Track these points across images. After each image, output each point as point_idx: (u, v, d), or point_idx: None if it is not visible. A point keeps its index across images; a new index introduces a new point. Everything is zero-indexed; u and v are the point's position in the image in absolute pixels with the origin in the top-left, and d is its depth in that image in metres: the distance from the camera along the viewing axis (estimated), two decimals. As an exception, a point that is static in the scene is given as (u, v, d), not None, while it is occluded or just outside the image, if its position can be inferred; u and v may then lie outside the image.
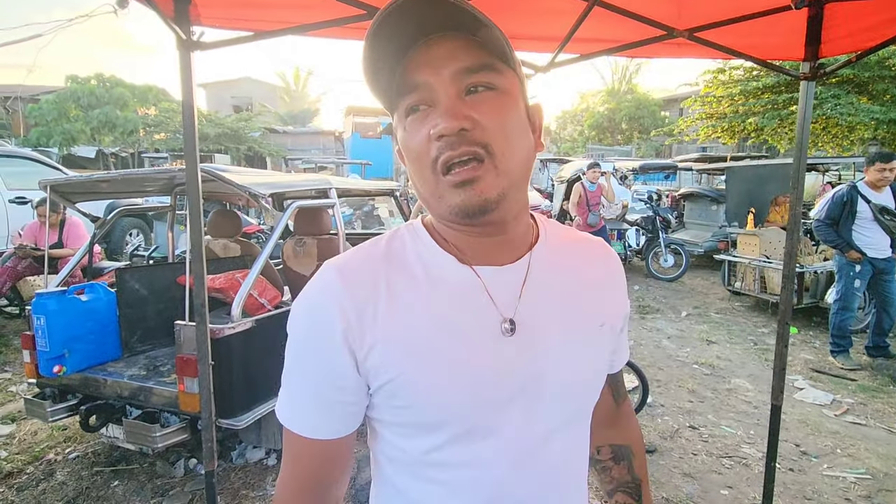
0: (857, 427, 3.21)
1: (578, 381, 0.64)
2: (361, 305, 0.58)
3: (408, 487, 0.62)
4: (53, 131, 15.11)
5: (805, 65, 1.83)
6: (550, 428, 0.61)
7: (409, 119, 0.57)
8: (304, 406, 0.61)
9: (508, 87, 0.56)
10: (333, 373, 0.59)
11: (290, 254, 3.25)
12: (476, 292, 0.59)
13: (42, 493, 2.52)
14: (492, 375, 0.58)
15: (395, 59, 0.55)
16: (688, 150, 19.82)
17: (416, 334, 0.57)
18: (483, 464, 0.59)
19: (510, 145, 0.55)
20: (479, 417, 0.58)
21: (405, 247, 0.63)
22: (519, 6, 1.66)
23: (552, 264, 0.64)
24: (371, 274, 0.59)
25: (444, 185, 0.54)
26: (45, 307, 2.48)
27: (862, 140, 11.13)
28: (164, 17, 1.35)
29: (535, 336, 0.60)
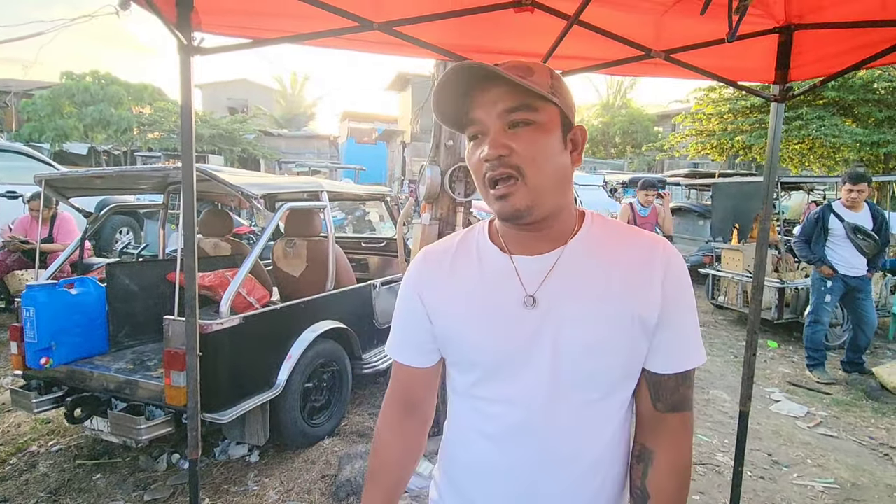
0: (828, 439, 3.31)
1: (590, 348, 0.75)
2: (433, 273, 0.86)
3: (461, 411, 0.86)
4: (46, 127, 15.03)
5: (775, 87, 1.93)
6: (566, 385, 0.76)
7: (470, 144, 0.78)
8: (396, 340, 0.91)
9: (544, 120, 0.74)
10: (413, 317, 0.87)
11: (280, 254, 3.30)
12: (509, 274, 0.79)
13: (25, 483, 2.53)
14: (512, 336, 0.77)
15: (461, 98, 0.77)
16: (679, 166, 20.12)
17: (464, 300, 0.81)
18: (507, 401, 0.78)
19: (537, 168, 0.73)
20: (503, 363, 0.78)
21: (472, 238, 0.87)
22: (504, 23, 1.75)
23: (585, 256, 0.78)
24: (444, 254, 0.87)
25: (491, 197, 0.75)
26: (35, 299, 2.51)
27: (846, 161, 11.40)
28: (167, 23, 1.41)
29: (551, 309, 0.76)
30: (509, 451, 0.79)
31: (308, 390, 2.86)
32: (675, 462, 0.80)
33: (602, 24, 1.70)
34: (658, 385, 0.80)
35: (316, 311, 2.92)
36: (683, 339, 0.79)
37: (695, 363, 0.80)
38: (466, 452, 0.85)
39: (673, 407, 0.80)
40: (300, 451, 2.82)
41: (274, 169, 18.75)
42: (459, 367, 0.84)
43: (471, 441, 0.84)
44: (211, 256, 3.53)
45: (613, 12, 1.69)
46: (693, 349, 0.80)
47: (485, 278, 0.81)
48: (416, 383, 0.91)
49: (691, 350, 0.80)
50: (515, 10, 1.65)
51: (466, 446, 0.85)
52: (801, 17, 1.78)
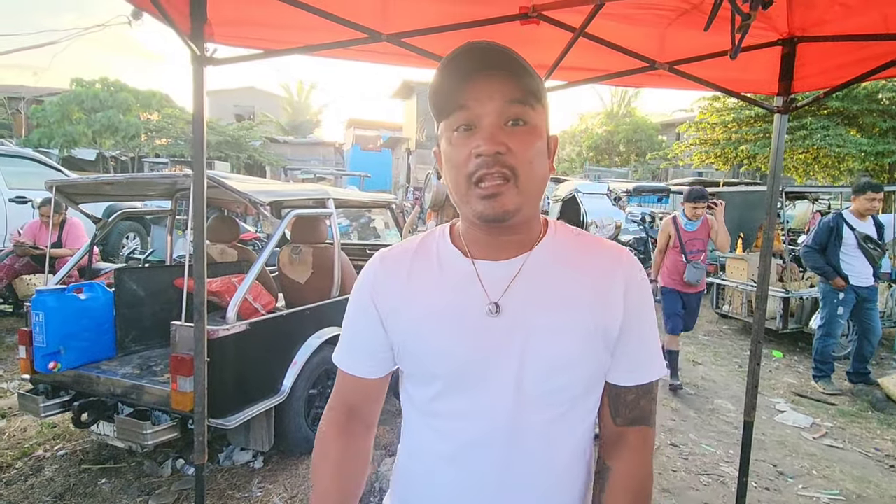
0: (834, 450, 3.29)
1: (557, 361, 0.72)
2: (389, 279, 0.80)
3: (416, 430, 0.81)
4: (55, 133, 15.20)
5: (778, 99, 1.95)
6: (531, 399, 0.73)
7: (456, 134, 0.71)
8: (345, 348, 0.85)
9: (538, 122, 0.71)
10: (366, 324, 0.81)
11: (286, 261, 3.32)
12: (472, 280, 0.75)
13: (30, 488, 2.54)
14: (475, 344, 0.73)
15: (457, 84, 0.69)
16: (683, 174, 20.11)
17: (424, 307, 0.76)
18: (468, 415, 0.74)
19: (532, 171, 0.70)
20: (466, 374, 0.74)
21: (431, 242, 0.82)
22: (512, 35, 1.77)
23: (550, 263, 0.76)
24: (402, 259, 0.81)
25: (474, 194, 0.69)
26: (45, 304, 2.54)
27: (851, 171, 11.38)
28: (181, 34, 1.45)
29: (518, 318, 0.73)
30: (468, 471, 0.75)
31: (312, 396, 2.87)
32: (631, 478, 0.77)
33: (607, 36, 1.73)
34: (617, 398, 0.78)
35: (321, 317, 2.93)
36: (644, 350, 0.77)
37: (655, 375, 0.78)
38: (422, 475, 0.80)
39: (632, 421, 0.77)
40: (304, 458, 2.82)
41: (279, 175, 18.87)
42: (417, 379, 0.79)
43: (427, 463, 0.79)
44: (218, 262, 3.56)
45: (618, 25, 1.72)
46: (654, 361, 0.78)
47: (445, 284, 0.76)
48: (363, 395, 0.85)
49: (652, 362, 0.78)
50: (522, 23, 1.68)
51: (422, 468, 0.80)
52: (804, 29, 1.80)
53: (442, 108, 0.71)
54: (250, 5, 1.62)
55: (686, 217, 4.17)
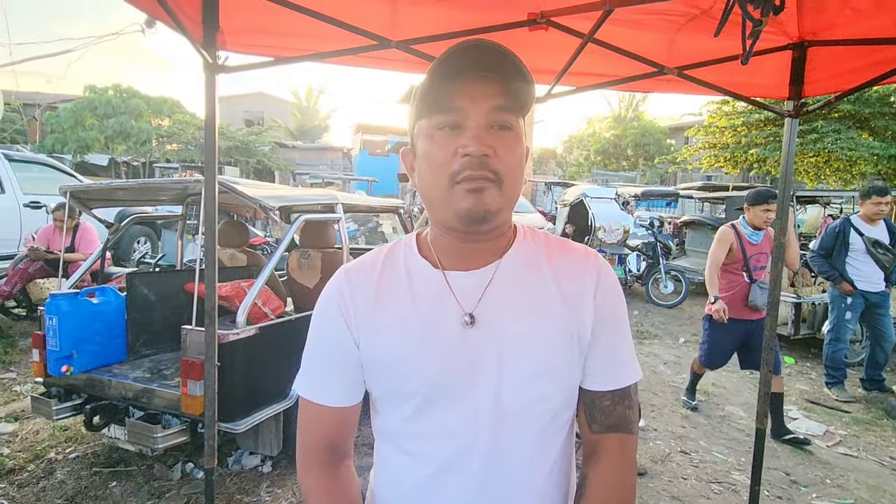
0: (848, 458, 3.23)
1: (535, 372, 0.71)
2: (357, 294, 0.75)
3: (389, 455, 0.78)
4: (69, 138, 15.44)
5: (789, 103, 1.94)
6: (511, 411, 0.71)
7: (439, 133, 0.69)
8: (314, 377, 0.79)
9: (520, 129, 0.71)
10: (337, 346, 0.76)
11: (295, 266, 3.34)
12: (444, 292, 0.73)
13: (42, 490, 2.57)
14: (452, 358, 0.71)
15: (450, 82, 0.67)
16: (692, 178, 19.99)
17: (396, 322, 0.73)
18: (446, 432, 0.72)
19: (514, 177, 0.70)
20: (443, 388, 0.71)
21: (398, 254, 0.79)
22: (520, 41, 1.78)
23: (521, 270, 0.75)
24: (369, 273, 0.77)
25: (457, 192, 0.67)
26: (59, 308, 2.57)
27: (863, 174, 11.25)
28: (194, 42, 1.47)
29: (493, 328, 0.71)
30: (447, 491, 0.72)
31: (321, 401, 2.87)
32: (608, 487, 0.73)
33: (615, 41, 1.73)
34: (593, 404, 0.76)
35: (329, 322, 2.94)
36: (618, 354, 0.75)
37: (630, 379, 0.76)
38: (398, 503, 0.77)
39: (609, 428, 0.75)
40: (312, 462, 2.82)
41: (288, 180, 19.00)
42: (391, 399, 0.75)
43: (400, 492, 0.76)
44: (227, 267, 3.59)
45: (627, 30, 1.72)
46: (628, 365, 0.76)
47: (416, 297, 0.73)
48: (342, 427, 0.78)
49: (626, 366, 0.76)
50: (530, 29, 1.68)
51: (397, 497, 0.77)
52: (814, 33, 1.79)
53: (430, 105, 0.69)
54: (261, 14, 1.64)
55: (750, 226, 3.40)
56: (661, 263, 7.63)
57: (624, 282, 7.98)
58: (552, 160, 31.74)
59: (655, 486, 2.78)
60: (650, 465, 3.00)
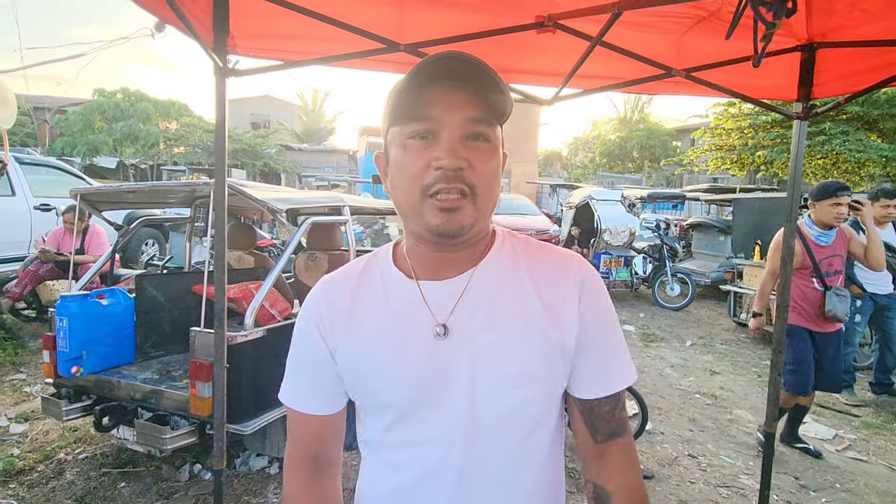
0: (857, 463, 3.20)
1: (509, 381, 0.69)
2: (333, 307, 0.76)
3: (371, 467, 0.79)
4: (78, 142, 15.61)
5: (798, 105, 1.93)
6: (487, 422, 0.70)
7: (412, 142, 0.67)
8: (294, 385, 0.80)
9: (496, 139, 0.69)
10: (314, 357, 0.77)
11: (302, 268, 3.36)
12: (417, 302, 0.72)
13: (52, 490, 2.59)
14: (425, 368, 0.70)
15: (422, 91, 0.66)
16: (698, 181, 19.90)
17: (370, 333, 0.73)
18: (420, 445, 0.72)
19: (489, 189, 0.68)
20: (416, 401, 0.71)
21: (375, 265, 0.79)
22: (528, 43, 1.79)
23: (496, 279, 0.73)
24: (346, 285, 0.78)
25: (429, 207, 0.66)
26: (69, 309, 2.59)
27: (871, 177, 11.16)
28: (205, 46, 1.48)
29: (465, 338, 0.70)
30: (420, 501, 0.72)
31: (327, 403, 2.87)
32: (630, 492, 0.74)
33: (623, 44, 1.73)
34: (592, 413, 0.74)
35: (336, 324, 2.95)
36: (609, 358, 0.74)
37: (625, 383, 0.74)
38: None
39: (611, 434, 0.74)
40: (319, 464, 2.83)
41: (294, 183, 19.09)
42: (370, 411, 0.76)
43: (379, 500, 0.77)
44: (235, 269, 3.61)
45: (634, 32, 1.72)
46: (621, 368, 0.74)
47: (391, 308, 0.73)
48: (323, 434, 0.80)
49: (619, 369, 0.74)
50: (538, 32, 1.69)
51: None
52: (823, 35, 1.78)
53: (402, 113, 0.67)
54: (271, 18, 1.66)
55: (818, 225, 3.07)
56: (667, 266, 7.60)
57: (630, 284, 7.95)
58: (557, 162, 31.70)
59: (663, 490, 2.77)
60: (658, 469, 2.98)
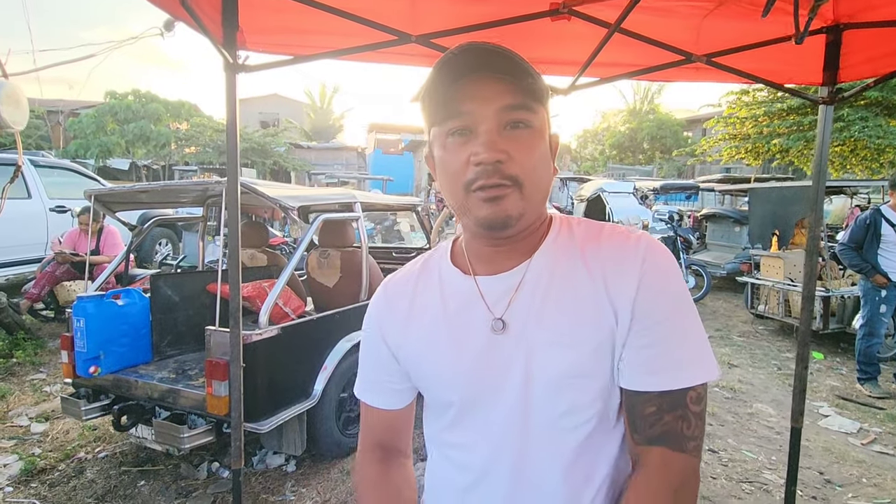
0: (884, 457, 3.12)
1: (564, 378, 0.65)
2: (393, 308, 0.78)
3: (435, 460, 0.80)
4: (91, 144, 15.80)
5: (823, 89, 1.86)
6: (542, 422, 0.67)
7: (451, 140, 0.65)
8: (364, 382, 0.83)
9: (540, 125, 0.66)
10: (378, 358, 0.80)
11: (314, 265, 3.35)
12: (474, 298, 0.71)
13: (73, 489, 2.62)
14: (483, 366, 0.69)
15: (452, 86, 0.64)
16: (711, 171, 19.62)
17: (427, 334, 0.73)
18: (475, 446, 0.71)
19: (536, 177, 0.65)
20: (474, 399, 0.70)
21: (433, 263, 0.79)
22: (542, 31, 1.75)
23: (553, 269, 0.69)
24: (405, 286, 0.79)
25: (473, 200, 0.64)
26: (85, 310, 2.61)
27: (892, 163, 10.90)
28: (215, 42, 1.46)
29: (522, 334, 0.67)
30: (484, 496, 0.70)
31: (343, 400, 2.87)
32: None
33: (641, 30, 1.68)
34: (634, 408, 0.64)
35: (350, 321, 2.94)
36: (666, 348, 0.63)
37: (684, 381, 0.62)
38: None
39: (652, 439, 0.63)
40: (336, 462, 2.83)
41: (304, 181, 19.16)
42: (432, 409, 0.77)
43: (441, 496, 0.77)
44: (248, 267, 3.61)
45: (652, 18, 1.66)
46: (682, 363, 0.62)
47: (448, 306, 0.72)
48: (391, 428, 0.83)
49: (679, 363, 0.62)
50: (552, 19, 1.64)
51: (437, 501, 0.78)
52: (850, 16, 1.71)
53: (435, 112, 0.66)
54: (280, 12, 1.63)
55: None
56: (681, 258, 7.50)
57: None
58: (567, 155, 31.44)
59: (684, 486, 2.72)
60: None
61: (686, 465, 0.63)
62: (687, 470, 0.63)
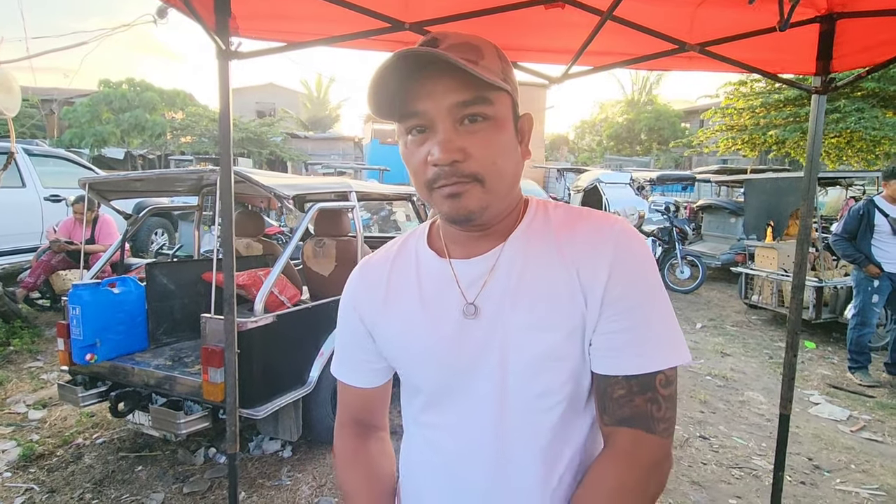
0: (872, 444, 3.18)
1: (539, 364, 0.66)
2: (371, 289, 0.78)
3: (411, 436, 0.81)
4: (86, 133, 15.66)
5: (816, 79, 1.87)
6: (518, 406, 0.67)
7: (410, 138, 0.65)
8: (340, 360, 0.83)
9: (500, 113, 0.64)
10: (354, 337, 0.80)
11: (310, 254, 3.36)
12: (448, 282, 0.71)
13: (71, 474, 2.64)
14: (456, 349, 0.69)
15: (400, 85, 0.62)
16: (708, 162, 19.61)
17: (402, 316, 0.73)
18: (452, 428, 0.72)
19: (498, 170, 0.63)
20: (448, 383, 0.71)
21: (411, 244, 0.79)
22: (534, 19, 1.74)
23: (527, 252, 0.69)
24: (382, 267, 0.78)
25: (436, 197, 0.64)
26: (81, 298, 2.62)
27: (887, 155, 10.92)
28: (207, 29, 1.46)
29: (496, 318, 0.67)
30: (455, 484, 0.71)
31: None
32: (602, 490, 0.64)
33: (634, 17, 1.68)
34: (604, 391, 0.65)
35: (346, 309, 2.95)
36: (636, 334, 0.63)
37: (655, 366, 0.62)
38: (416, 486, 0.78)
39: (621, 420, 0.64)
40: (331, 448, 2.86)
41: (300, 170, 19.08)
42: (408, 390, 0.78)
43: (419, 473, 0.77)
44: (244, 256, 3.62)
45: (646, 6, 1.66)
46: (653, 347, 0.63)
47: (423, 289, 0.72)
48: (367, 405, 0.83)
49: (648, 348, 0.63)
50: (546, 7, 1.64)
51: (415, 478, 0.78)
52: (844, 5, 1.71)
53: (390, 112, 0.64)
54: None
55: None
56: (677, 248, 7.54)
57: (639, 267, 7.87)
58: (564, 146, 31.37)
59: (675, 471, 2.77)
60: (669, 451, 2.98)
61: (656, 445, 0.64)
62: (657, 451, 0.64)
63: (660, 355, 0.63)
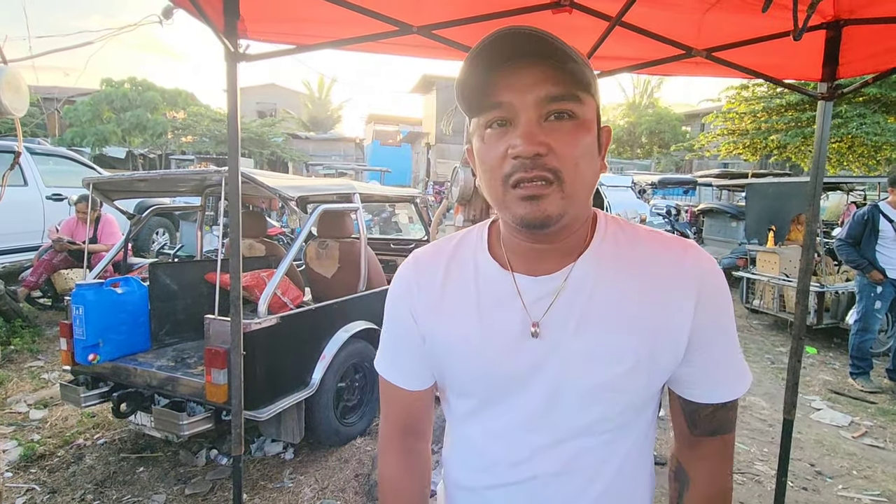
0: (874, 450, 3.17)
1: (595, 394, 0.66)
2: (425, 290, 0.74)
3: (457, 436, 0.79)
4: (87, 132, 15.66)
5: (822, 85, 1.87)
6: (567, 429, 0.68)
7: (489, 132, 0.62)
8: (386, 357, 0.80)
9: (586, 115, 0.61)
10: (407, 337, 0.76)
11: (313, 255, 3.36)
12: (510, 296, 0.68)
13: (72, 475, 2.64)
14: (511, 366, 0.68)
15: (488, 75, 0.60)
16: (709, 166, 19.64)
17: (460, 324, 0.71)
18: (498, 436, 0.71)
19: (579, 172, 0.60)
20: (500, 395, 0.70)
21: (468, 246, 0.75)
22: (543, 25, 1.74)
23: (597, 276, 0.67)
24: (436, 268, 0.75)
25: (511, 197, 0.60)
26: (84, 298, 2.61)
27: (889, 160, 10.94)
28: (216, 31, 1.46)
29: (557, 341, 0.66)
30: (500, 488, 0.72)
31: (341, 390, 2.90)
32: (712, 491, 0.72)
33: (641, 23, 1.68)
34: (695, 413, 0.71)
35: (349, 311, 2.96)
36: (722, 366, 0.68)
37: (736, 393, 0.69)
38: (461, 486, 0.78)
39: (712, 432, 0.71)
40: (333, 450, 2.86)
41: (301, 171, 19.09)
42: (453, 392, 0.76)
43: (465, 474, 0.77)
44: (246, 257, 3.62)
45: (654, 11, 1.67)
46: (735, 377, 0.69)
47: (482, 300, 0.70)
48: (416, 407, 0.80)
49: (732, 378, 0.69)
50: (553, 12, 1.64)
51: (456, 482, 0.79)
52: (851, 12, 1.72)
53: (472, 103, 0.62)
54: (281, 1, 1.62)
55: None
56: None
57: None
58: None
59: (677, 476, 2.76)
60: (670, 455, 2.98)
61: (733, 439, 0.74)
62: (733, 443, 0.74)
63: (741, 383, 0.70)
